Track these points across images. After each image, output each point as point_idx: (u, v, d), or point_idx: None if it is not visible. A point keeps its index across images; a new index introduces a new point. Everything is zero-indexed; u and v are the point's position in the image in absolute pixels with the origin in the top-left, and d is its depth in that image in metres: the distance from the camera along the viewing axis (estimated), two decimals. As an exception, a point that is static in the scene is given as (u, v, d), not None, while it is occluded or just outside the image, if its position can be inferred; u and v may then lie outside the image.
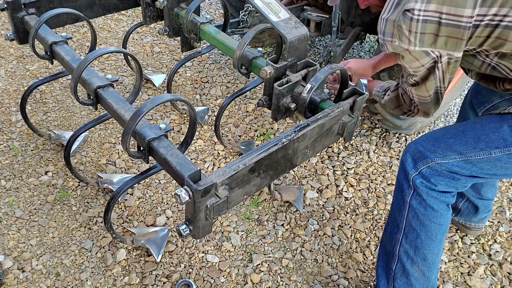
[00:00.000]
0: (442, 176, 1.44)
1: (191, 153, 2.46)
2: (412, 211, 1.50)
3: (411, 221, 1.51)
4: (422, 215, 1.49)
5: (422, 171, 1.46)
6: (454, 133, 1.44)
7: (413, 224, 1.51)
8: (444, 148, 1.42)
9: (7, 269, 1.82)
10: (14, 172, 2.25)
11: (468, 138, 1.39)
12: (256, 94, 2.98)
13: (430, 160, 1.44)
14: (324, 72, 1.56)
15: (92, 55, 1.62)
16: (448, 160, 1.41)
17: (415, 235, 1.52)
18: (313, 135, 1.48)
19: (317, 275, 1.94)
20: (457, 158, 1.40)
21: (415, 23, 1.21)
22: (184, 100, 1.46)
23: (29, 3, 2.05)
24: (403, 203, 1.52)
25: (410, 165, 1.49)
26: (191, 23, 2.17)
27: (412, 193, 1.49)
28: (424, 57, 1.29)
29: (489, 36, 1.21)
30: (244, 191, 1.35)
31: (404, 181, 1.52)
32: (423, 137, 1.52)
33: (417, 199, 1.49)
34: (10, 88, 2.81)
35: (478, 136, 1.36)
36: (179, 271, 1.88)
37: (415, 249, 1.53)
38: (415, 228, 1.51)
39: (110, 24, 3.66)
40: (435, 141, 1.46)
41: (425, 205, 1.47)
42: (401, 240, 1.55)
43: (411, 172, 1.48)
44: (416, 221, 1.51)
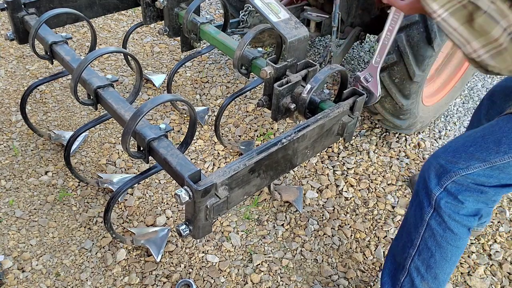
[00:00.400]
0: (469, 191, 1.36)
1: (191, 153, 2.46)
2: (430, 231, 1.44)
3: (427, 240, 1.45)
4: (440, 236, 1.42)
5: (448, 187, 1.37)
6: (473, 140, 1.35)
7: (428, 244, 1.45)
8: (466, 158, 1.33)
9: (7, 269, 1.82)
10: (14, 172, 2.25)
11: (489, 143, 1.30)
12: (256, 94, 2.98)
13: (454, 173, 1.35)
14: (324, 73, 1.56)
15: (92, 55, 1.62)
16: (472, 170, 1.32)
17: (429, 254, 1.46)
18: (313, 136, 1.48)
19: (317, 275, 1.94)
20: (482, 166, 1.31)
21: None
22: (184, 100, 1.46)
23: (29, 3, 2.05)
24: (421, 221, 1.45)
25: (433, 182, 1.40)
26: (191, 23, 2.17)
27: (432, 213, 1.42)
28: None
29: None
30: (244, 191, 1.35)
31: (425, 199, 1.44)
32: (442, 149, 1.43)
33: (437, 220, 1.42)
34: (10, 88, 2.81)
35: (499, 139, 1.28)
36: (179, 271, 1.88)
37: (427, 267, 1.48)
38: (431, 248, 1.45)
39: (110, 24, 3.66)
40: (455, 151, 1.37)
41: (445, 227, 1.41)
42: (413, 256, 1.50)
43: (435, 191, 1.39)
44: (433, 241, 1.44)
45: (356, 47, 3.65)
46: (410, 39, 2.13)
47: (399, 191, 2.37)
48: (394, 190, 2.37)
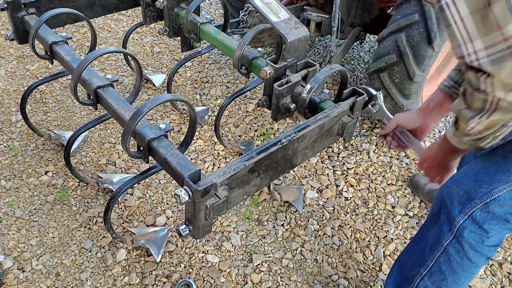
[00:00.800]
0: (495, 219, 1.27)
1: (191, 153, 2.46)
2: (446, 256, 1.38)
3: (441, 264, 1.41)
4: (456, 263, 1.38)
5: (473, 215, 1.28)
6: (494, 162, 1.25)
7: (442, 268, 1.41)
8: (489, 181, 1.23)
9: (7, 269, 1.82)
10: (14, 172, 2.25)
11: (510, 163, 1.19)
12: (256, 94, 2.98)
13: (479, 200, 1.25)
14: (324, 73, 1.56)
15: (92, 55, 1.63)
16: (497, 194, 1.22)
17: (441, 277, 1.42)
18: (313, 136, 1.48)
19: (317, 275, 1.94)
20: (506, 188, 1.20)
21: None
22: (184, 100, 1.46)
23: (29, 3, 2.05)
24: (438, 244, 1.39)
25: (456, 209, 1.32)
26: (191, 23, 2.17)
27: (451, 240, 1.35)
28: None
29: None
30: (244, 191, 1.35)
31: (445, 224, 1.36)
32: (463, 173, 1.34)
33: (455, 247, 1.35)
34: (10, 88, 2.81)
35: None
36: (179, 271, 1.88)
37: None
38: (444, 272, 1.41)
39: (110, 24, 3.66)
40: (477, 175, 1.28)
41: (463, 255, 1.35)
42: (424, 275, 1.46)
43: (458, 219, 1.31)
44: (447, 266, 1.40)
45: (356, 47, 3.64)
46: (410, 39, 2.13)
47: (399, 191, 2.37)
48: (394, 190, 2.37)
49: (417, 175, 2.40)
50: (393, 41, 2.20)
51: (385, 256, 2.04)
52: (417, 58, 2.15)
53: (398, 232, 2.15)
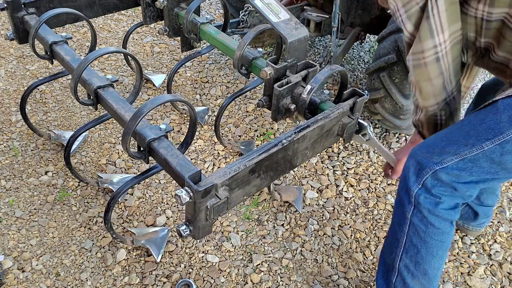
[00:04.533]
0: (444, 187, 1.38)
1: (191, 153, 2.46)
2: (413, 228, 1.45)
3: (411, 237, 1.47)
4: (423, 232, 1.44)
5: (425, 183, 1.39)
6: (446, 134, 1.39)
7: (413, 240, 1.47)
8: (439, 152, 1.36)
9: (7, 269, 1.82)
10: (14, 172, 2.25)
11: (459, 136, 1.33)
12: (256, 94, 2.98)
13: (429, 168, 1.37)
14: (324, 73, 1.56)
15: (92, 55, 1.63)
16: (446, 164, 1.34)
17: (415, 251, 1.47)
18: (313, 136, 1.48)
19: (317, 275, 1.94)
20: (454, 159, 1.33)
21: None
22: (184, 101, 1.46)
23: (29, 3, 2.05)
24: (404, 219, 1.47)
25: (411, 179, 1.42)
26: (191, 23, 2.17)
27: (412, 210, 1.44)
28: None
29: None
30: (244, 192, 1.35)
31: (405, 197, 1.46)
32: (417, 147, 1.47)
33: (417, 216, 1.43)
34: (10, 88, 2.81)
35: (467, 132, 1.30)
36: (179, 271, 1.88)
37: (416, 263, 1.49)
38: (416, 245, 1.47)
39: (110, 24, 3.66)
40: (429, 147, 1.41)
41: (427, 222, 1.42)
42: (401, 255, 1.51)
43: (413, 188, 1.42)
44: (417, 238, 1.46)
45: (356, 47, 3.65)
46: (410, 39, 2.13)
47: (399, 191, 2.37)
48: (394, 190, 2.37)
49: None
50: (393, 41, 2.20)
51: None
52: (417, 58, 2.15)
53: (398, 232, 2.15)
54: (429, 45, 1.25)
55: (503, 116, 1.19)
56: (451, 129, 1.40)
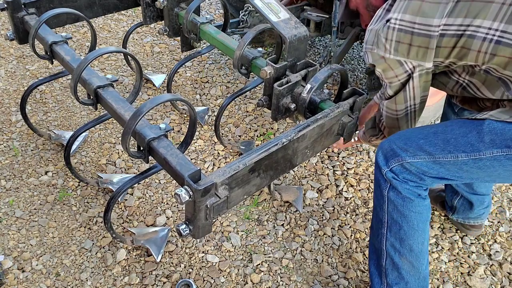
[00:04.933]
0: (410, 175, 1.48)
1: (191, 153, 2.46)
2: (391, 204, 1.54)
3: (392, 213, 1.55)
4: (400, 205, 1.52)
5: (393, 169, 1.49)
6: (426, 134, 1.47)
7: (394, 216, 1.55)
8: (415, 148, 1.45)
9: (7, 269, 1.82)
10: (14, 172, 2.25)
11: (438, 140, 1.42)
12: (256, 94, 2.98)
13: (401, 158, 1.46)
14: (324, 73, 1.56)
15: (92, 55, 1.63)
16: (417, 159, 1.44)
17: (397, 227, 1.55)
18: (313, 136, 1.48)
19: (317, 275, 1.94)
20: (426, 159, 1.42)
21: (391, 31, 1.32)
22: (184, 100, 1.46)
23: (29, 3, 2.05)
24: (382, 197, 1.56)
25: (382, 162, 1.52)
26: (191, 23, 2.17)
27: (388, 186, 1.52)
28: (398, 67, 1.37)
29: (454, 47, 1.28)
30: (244, 191, 1.35)
31: (379, 176, 1.55)
32: (396, 135, 1.55)
33: (393, 191, 1.52)
34: (10, 88, 2.81)
35: (448, 139, 1.40)
36: (179, 271, 1.88)
37: (400, 241, 1.56)
38: (397, 220, 1.54)
39: (110, 24, 3.66)
40: (407, 140, 1.49)
41: (402, 196, 1.51)
42: (386, 234, 1.59)
43: (383, 168, 1.52)
44: (397, 213, 1.54)
45: (356, 47, 3.65)
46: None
47: (399, 191, 2.37)
48: (394, 190, 2.37)
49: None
50: None
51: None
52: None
53: (398, 232, 2.15)
54: (401, 107, 1.50)
55: (486, 138, 1.30)
56: (432, 130, 1.49)
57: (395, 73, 1.40)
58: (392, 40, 1.32)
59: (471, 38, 1.24)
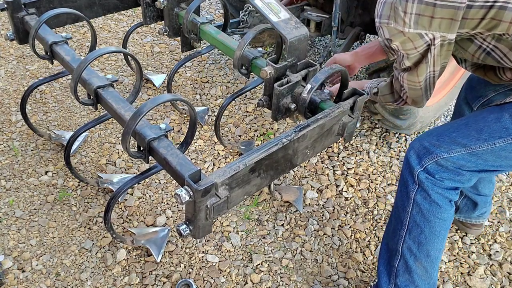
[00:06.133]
0: (447, 172, 1.44)
1: (191, 153, 2.46)
2: (417, 207, 1.50)
3: (415, 216, 1.52)
4: (426, 210, 1.49)
5: (428, 167, 1.46)
6: (457, 127, 1.44)
7: (417, 220, 1.51)
8: (449, 142, 1.42)
9: (7, 269, 1.82)
10: (14, 172, 2.25)
11: (471, 131, 1.39)
12: (256, 94, 2.98)
13: (435, 155, 1.43)
14: (324, 73, 1.56)
15: (92, 55, 1.63)
16: (453, 154, 1.41)
17: (419, 230, 1.52)
18: (313, 135, 1.48)
19: (317, 275, 1.94)
20: (462, 151, 1.39)
21: (411, 4, 1.23)
22: (184, 100, 1.46)
23: (29, 3, 2.05)
24: (408, 199, 1.52)
25: (415, 161, 1.48)
26: (191, 23, 2.17)
27: (417, 189, 1.49)
28: (418, 40, 1.30)
29: (483, 18, 1.22)
30: (244, 191, 1.35)
31: (409, 177, 1.51)
32: (427, 133, 1.53)
33: (422, 194, 1.48)
34: (10, 88, 2.81)
35: (481, 128, 1.37)
36: (179, 271, 1.88)
37: (419, 245, 1.53)
38: (419, 224, 1.51)
39: (110, 24, 3.66)
40: (439, 135, 1.46)
41: (430, 200, 1.47)
42: (404, 236, 1.55)
43: (416, 168, 1.48)
44: (421, 217, 1.50)
45: (356, 47, 3.64)
46: (410, 39, 2.13)
47: (399, 191, 2.37)
48: (394, 190, 2.37)
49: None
50: None
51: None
52: (417, 58, 2.15)
53: (398, 232, 2.15)
54: (423, 77, 1.44)
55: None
56: (462, 122, 1.45)
57: (414, 45, 1.32)
58: (412, 13, 1.24)
59: (502, 9, 1.18)
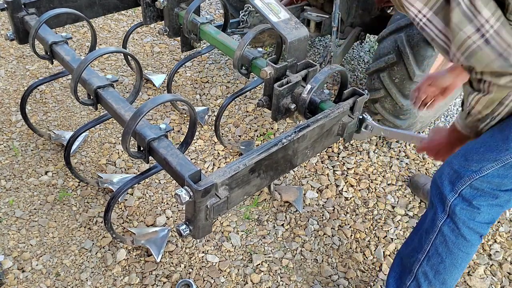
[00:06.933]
0: (484, 196, 1.32)
1: (191, 153, 2.46)
2: (442, 237, 1.42)
3: (438, 246, 1.44)
4: (451, 243, 1.41)
5: (463, 193, 1.34)
6: (483, 140, 1.32)
7: (439, 250, 1.44)
8: (478, 159, 1.30)
9: (7, 269, 1.82)
10: (14, 172, 2.25)
11: (498, 141, 1.26)
12: (256, 94, 2.98)
13: (468, 177, 1.31)
14: (324, 73, 1.56)
15: (92, 55, 1.63)
16: (486, 171, 1.28)
17: (439, 260, 1.45)
18: (313, 136, 1.48)
19: (317, 275, 1.94)
20: (494, 166, 1.27)
21: None
22: (184, 100, 1.46)
23: (29, 3, 2.05)
24: (433, 227, 1.43)
25: (447, 188, 1.37)
26: (191, 23, 2.17)
27: (445, 219, 1.39)
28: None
29: None
30: (244, 191, 1.35)
31: (438, 205, 1.41)
32: (454, 155, 1.41)
33: (450, 226, 1.39)
34: (10, 88, 2.81)
35: (507, 136, 1.25)
36: (179, 271, 1.88)
37: (436, 272, 1.47)
38: (441, 254, 1.44)
39: (110, 24, 3.66)
40: (466, 154, 1.34)
41: (458, 233, 1.39)
42: (422, 261, 1.48)
43: (449, 197, 1.36)
44: (444, 247, 1.43)
45: (356, 47, 3.65)
46: (410, 39, 2.13)
47: (399, 191, 2.37)
48: (394, 190, 2.38)
49: (417, 175, 2.41)
50: (393, 41, 2.20)
51: (385, 256, 2.04)
52: (417, 58, 2.15)
53: (398, 232, 2.15)
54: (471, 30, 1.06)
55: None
56: (487, 134, 1.33)
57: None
58: None
59: None
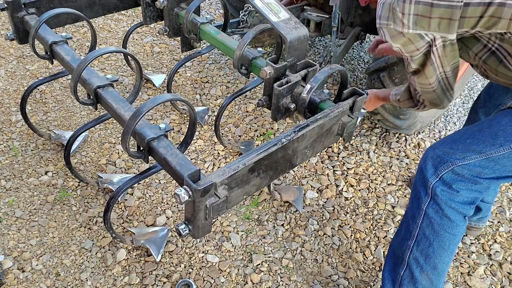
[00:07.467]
0: (464, 181, 1.40)
1: (191, 153, 2.46)
2: (427, 220, 1.47)
3: (425, 229, 1.48)
4: (437, 224, 1.45)
5: (444, 177, 1.42)
6: (471, 133, 1.41)
7: (426, 233, 1.48)
8: (463, 149, 1.38)
9: (7, 269, 1.82)
10: (14, 172, 2.25)
11: (486, 136, 1.36)
12: (256, 94, 2.98)
13: (450, 163, 1.39)
14: (324, 73, 1.56)
15: (92, 55, 1.63)
16: (469, 161, 1.37)
17: (427, 243, 1.49)
18: (312, 135, 1.48)
19: (317, 275, 1.94)
20: (478, 158, 1.35)
21: (408, 5, 1.23)
22: (184, 100, 1.46)
23: (29, 3, 2.05)
24: (419, 211, 1.49)
25: (430, 171, 1.44)
26: (191, 23, 2.17)
27: (429, 201, 1.45)
28: (419, 40, 1.29)
29: (482, 16, 1.20)
30: (243, 191, 1.35)
31: (421, 189, 1.48)
32: (440, 142, 1.49)
33: (433, 207, 1.45)
34: (10, 88, 2.81)
35: (495, 132, 1.34)
36: (179, 271, 1.88)
37: (426, 257, 1.50)
38: (428, 237, 1.48)
39: (110, 24, 3.66)
40: (452, 143, 1.42)
41: (442, 214, 1.44)
42: (412, 247, 1.52)
43: (431, 179, 1.44)
44: (430, 230, 1.47)
45: (356, 47, 3.64)
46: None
47: (399, 191, 2.37)
48: (394, 190, 2.37)
49: (417, 175, 2.41)
50: None
51: (385, 256, 2.03)
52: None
53: (398, 232, 2.15)
54: (433, 79, 1.41)
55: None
56: (476, 128, 1.42)
57: (416, 47, 1.31)
58: (410, 14, 1.23)
59: (502, 6, 1.15)
